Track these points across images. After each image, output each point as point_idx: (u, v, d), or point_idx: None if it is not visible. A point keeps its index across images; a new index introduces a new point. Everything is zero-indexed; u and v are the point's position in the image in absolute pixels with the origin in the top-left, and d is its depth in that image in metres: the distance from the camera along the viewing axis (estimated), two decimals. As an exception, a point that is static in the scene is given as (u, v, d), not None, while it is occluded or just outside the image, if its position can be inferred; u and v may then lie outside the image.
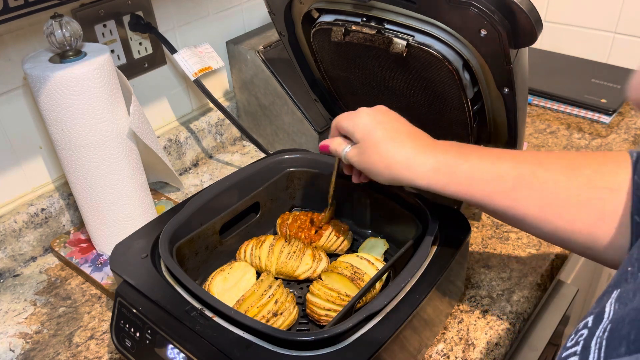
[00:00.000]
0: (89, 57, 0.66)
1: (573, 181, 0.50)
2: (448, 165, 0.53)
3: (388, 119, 0.57)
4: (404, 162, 0.54)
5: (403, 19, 0.60)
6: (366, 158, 0.56)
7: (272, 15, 0.72)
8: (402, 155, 0.54)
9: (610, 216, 0.48)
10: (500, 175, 0.52)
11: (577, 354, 0.31)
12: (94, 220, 0.75)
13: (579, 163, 0.51)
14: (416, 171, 0.54)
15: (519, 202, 0.51)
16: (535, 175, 0.51)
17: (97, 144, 0.68)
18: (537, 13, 0.51)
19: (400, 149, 0.54)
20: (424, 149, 0.54)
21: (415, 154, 0.54)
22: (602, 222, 0.49)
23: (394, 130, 0.56)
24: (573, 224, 0.50)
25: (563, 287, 0.80)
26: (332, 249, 0.71)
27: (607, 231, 0.49)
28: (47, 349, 0.66)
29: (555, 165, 0.51)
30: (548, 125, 1.05)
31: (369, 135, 0.56)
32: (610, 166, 0.50)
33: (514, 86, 0.58)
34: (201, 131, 1.00)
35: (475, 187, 0.52)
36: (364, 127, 0.57)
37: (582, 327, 0.34)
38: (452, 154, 0.54)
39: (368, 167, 0.56)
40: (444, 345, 0.63)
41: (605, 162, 0.51)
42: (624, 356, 0.28)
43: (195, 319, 0.52)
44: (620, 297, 0.33)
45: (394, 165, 0.54)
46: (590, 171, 0.50)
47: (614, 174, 0.49)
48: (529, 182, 0.51)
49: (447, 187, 0.53)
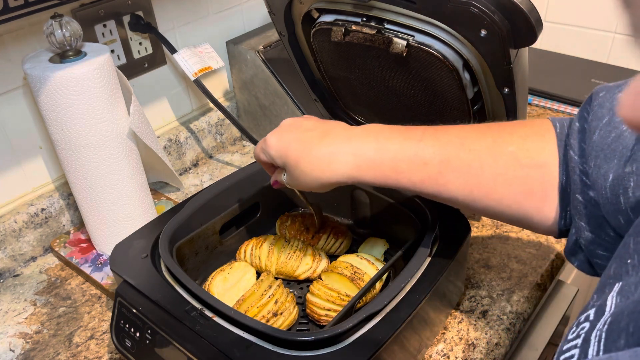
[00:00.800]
0: (89, 57, 0.66)
1: (498, 160, 0.50)
2: (369, 159, 0.51)
3: (295, 131, 0.55)
4: (326, 166, 0.52)
5: (403, 19, 0.60)
6: (296, 178, 0.55)
7: (272, 15, 0.72)
8: (319, 160, 0.52)
9: (538, 191, 0.50)
10: (424, 162, 0.50)
11: (577, 346, 0.32)
12: (94, 220, 0.75)
13: (503, 139, 0.51)
14: (340, 171, 0.52)
15: (447, 186, 0.51)
16: (459, 158, 0.50)
17: (97, 144, 0.68)
18: (537, 13, 0.51)
19: (316, 154, 0.53)
20: (341, 144, 0.52)
21: (331, 155, 0.52)
22: (530, 197, 0.50)
23: (304, 139, 0.54)
24: (501, 201, 0.50)
25: (563, 287, 0.80)
26: (331, 252, 0.71)
27: (536, 205, 0.50)
28: (47, 349, 0.66)
29: (478, 144, 0.51)
30: (548, 125, 1.04)
31: (286, 156, 0.54)
32: (534, 141, 0.50)
33: (514, 86, 0.58)
34: (201, 131, 1.00)
35: (402, 176, 0.51)
36: (277, 152, 0.55)
37: (583, 319, 0.34)
38: (370, 145, 0.52)
39: (302, 185, 0.55)
40: (444, 345, 0.63)
41: (528, 135, 0.51)
42: (623, 349, 0.28)
43: (195, 319, 0.52)
44: (622, 291, 0.34)
45: (318, 173, 0.53)
46: (515, 148, 0.50)
47: (539, 149, 0.50)
48: (454, 166, 0.50)
49: (375, 180, 0.52)
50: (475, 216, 0.82)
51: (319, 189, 0.55)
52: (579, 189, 0.47)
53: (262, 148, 0.57)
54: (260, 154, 0.58)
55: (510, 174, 0.49)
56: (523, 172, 0.49)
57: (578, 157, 0.47)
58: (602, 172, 0.45)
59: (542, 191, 0.50)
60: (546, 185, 0.49)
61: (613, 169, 0.44)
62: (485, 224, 0.81)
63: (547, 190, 0.50)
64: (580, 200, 0.47)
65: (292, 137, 0.55)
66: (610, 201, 0.44)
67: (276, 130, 0.57)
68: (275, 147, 0.55)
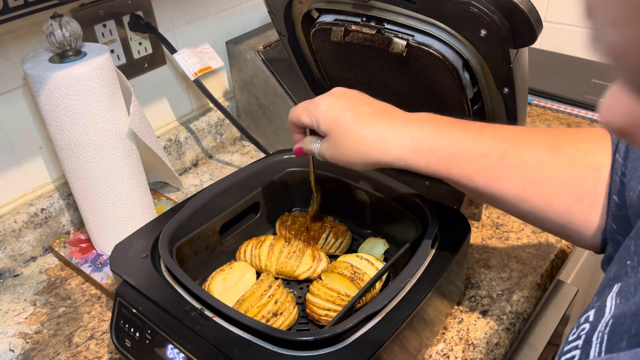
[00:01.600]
0: (88, 57, 0.66)
1: (556, 160, 0.49)
2: (427, 144, 0.50)
3: (350, 101, 0.53)
4: (378, 145, 0.51)
5: (403, 19, 0.60)
6: (339, 150, 0.53)
7: (272, 15, 0.72)
8: (374, 138, 0.51)
9: (588, 195, 0.48)
10: (483, 153, 0.49)
11: (578, 347, 0.32)
12: (94, 220, 0.75)
13: (560, 140, 0.50)
14: (393, 153, 0.51)
15: (500, 181, 0.49)
16: (518, 154, 0.49)
17: (97, 144, 0.68)
18: (537, 13, 0.51)
19: (371, 131, 0.51)
20: (398, 126, 0.51)
21: (389, 134, 0.51)
22: (580, 202, 0.48)
23: (360, 112, 0.52)
24: (551, 203, 0.49)
25: (563, 287, 0.79)
26: (331, 252, 0.71)
27: (584, 211, 0.48)
28: (47, 349, 0.66)
29: (536, 143, 0.50)
30: (548, 125, 1.05)
31: (335, 124, 0.52)
32: (590, 144, 0.49)
33: (514, 86, 0.58)
34: (201, 131, 1.00)
35: (457, 165, 0.50)
36: (326, 118, 0.53)
37: (583, 321, 0.34)
38: (429, 129, 0.51)
39: (343, 158, 0.53)
40: (444, 345, 0.63)
41: (585, 139, 0.50)
42: (624, 351, 0.28)
43: (195, 319, 0.52)
44: (621, 291, 0.34)
45: (368, 150, 0.51)
46: (573, 149, 0.49)
47: (595, 152, 0.49)
48: (512, 161, 0.49)
49: (427, 167, 0.50)
50: (475, 216, 0.82)
51: (360, 166, 0.53)
52: (617, 189, 0.46)
53: (308, 109, 0.55)
54: (302, 114, 0.55)
55: (566, 173, 0.48)
56: (578, 174, 0.48)
57: (622, 159, 0.47)
58: (638, 175, 0.44)
59: (592, 195, 0.48)
60: (597, 188, 0.48)
61: None
62: (485, 224, 0.81)
63: (597, 195, 0.48)
64: (615, 202, 0.46)
65: (345, 105, 0.53)
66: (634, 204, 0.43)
67: (327, 95, 0.55)
68: (325, 112, 0.53)
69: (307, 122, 0.55)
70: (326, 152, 0.55)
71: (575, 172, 0.48)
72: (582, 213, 0.48)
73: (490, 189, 0.50)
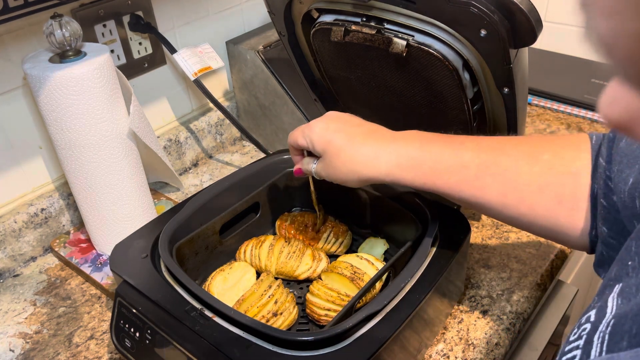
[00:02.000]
0: (88, 57, 0.66)
1: (534, 167, 0.51)
2: (411, 159, 0.53)
3: (342, 124, 0.58)
4: (369, 162, 0.54)
5: (403, 19, 0.60)
6: (333, 168, 0.57)
7: (272, 15, 0.72)
8: (364, 156, 0.55)
9: (568, 199, 0.50)
10: (463, 164, 0.52)
11: (579, 347, 0.32)
12: (94, 220, 0.75)
13: (540, 148, 0.52)
14: (382, 169, 0.54)
15: (483, 190, 0.52)
16: (497, 163, 0.52)
17: (97, 144, 0.68)
18: (537, 13, 0.51)
19: (361, 150, 0.55)
20: (386, 144, 0.55)
21: (377, 152, 0.54)
22: (560, 205, 0.50)
23: (351, 133, 0.56)
24: (534, 209, 0.51)
25: (563, 287, 0.79)
26: (332, 251, 0.71)
27: (566, 214, 0.50)
28: (47, 349, 0.66)
29: (516, 151, 0.52)
30: (548, 125, 1.04)
31: (329, 145, 0.56)
32: (570, 150, 0.51)
33: (514, 86, 0.58)
34: (201, 131, 1.00)
35: (440, 178, 0.53)
36: (321, 139, 0.57)
37: (584, 321, 0.34)
38: (413, 146, 0.54)
39: (338, 176, 0.57)
40: (444, 345, 0.63)
41: (565, 145, 0.52)
42: (625, 350, 0.28)
43: (195, 319, 0.52)
44: (622, 292, 0.34)
45: (359, 168, 0.55)
46: (550, 156, 0.51)
47: (574, 159, 0.51)
48: (491, 170, 0.52)
49: (413, 181, 0.54)
50: (475, 216, 0.82)
51: (354, 182, 0.56)
52: (603, 193, 0.48)
53: (304, 132, 0.59)
54: (299, 137, 0.59)
55: (543, 180, 0.50)
56: (556, 179, 0.50)
57: (605, 163, 0.48)
58: (624, 177, 0.45)
59: (573, 199, 0.50)
60: (577, 193, 0.50)
61: (634, 174, 0.44)
62: (485, 224, 0.81)
63: (577, 198, 0.50)
64: (604, 205, 0.48)
65: (338, 127, 0.57)
66: (627, 205, 0.44)
67: (322, 119, 0.59)
68: (319, 134, 0.57)
69: (303, 144, 0.59)
70: (322, 171, 0.59)
71: (553, 178, 0.50)
72: (566, 216, 0.50)
73: (475, 197, 0.53)
